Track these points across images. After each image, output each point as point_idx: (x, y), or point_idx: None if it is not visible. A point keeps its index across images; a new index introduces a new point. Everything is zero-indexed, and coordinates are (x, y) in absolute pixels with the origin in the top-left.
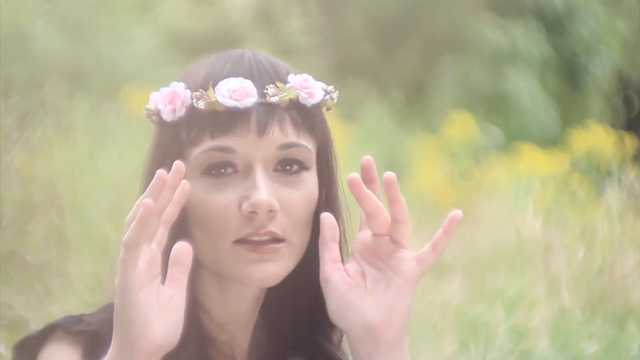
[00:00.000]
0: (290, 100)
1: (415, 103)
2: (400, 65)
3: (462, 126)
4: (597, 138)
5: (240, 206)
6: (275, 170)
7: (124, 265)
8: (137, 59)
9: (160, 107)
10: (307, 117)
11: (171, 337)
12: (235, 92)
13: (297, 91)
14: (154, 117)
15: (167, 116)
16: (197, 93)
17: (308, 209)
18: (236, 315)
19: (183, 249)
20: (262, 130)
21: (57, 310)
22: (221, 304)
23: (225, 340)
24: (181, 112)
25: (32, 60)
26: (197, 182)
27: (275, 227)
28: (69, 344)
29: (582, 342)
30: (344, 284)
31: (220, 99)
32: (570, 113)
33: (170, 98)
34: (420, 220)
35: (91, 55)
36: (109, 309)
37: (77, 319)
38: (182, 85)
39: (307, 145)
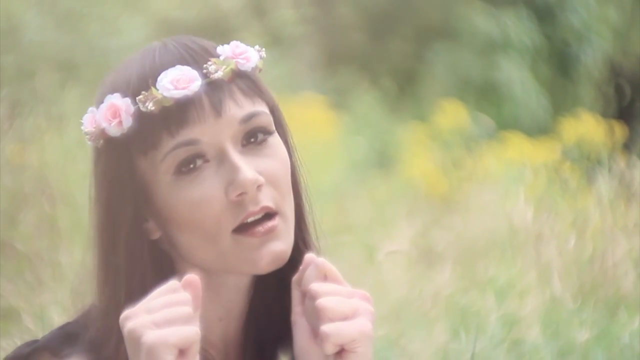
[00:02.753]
0: (232, 71)
1: (406, 91)
2: (391, 54)
3: (453, 115)
4: (588, 127)
5: (226, 194)
6: (243, 145)
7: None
8: (128, 49)
9: (104, 125)
10: (251, 82)
11: None
12: (179, 81)
13: (234, 60)
14: (100, 140)
15: (114, 132)
16: (141, 97)
17: (286, 172)
18: (229, 309)
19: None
20: (218, 110)
21: (49, 299)
22: (214, 300)
23: (219, 336)
24: (128, 122)
25: (23, 50)
26: (172, 185)
27: (267, 201)
28: None
29: (574, 331)
30: (308, 333)
31: (166, 94)
32: (562, 102)
33: (112, 112)
34: (412, 209)
35: (82, 45)
36: (91, 314)
37: (64, 337)
38: (117, 95)
39: (264, 110)
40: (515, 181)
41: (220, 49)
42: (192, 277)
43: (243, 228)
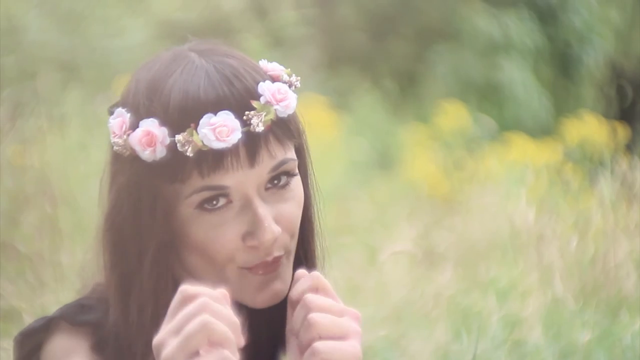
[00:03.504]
0: (271, 120)
1: (408, 93)
2: (392, 55)
3: (454, 116)
4: (590, 128)
5: (243, 239)
6: (266, 189)
7: None
8: (129, 50)
9: (137, 148)
10: (286, 127)
11: None
12: (221, 132)
13: (274, 107)
14: (127, 152)
15: (146, 157)
16: (180, 138)
17: (300, 213)
18: None
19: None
20: (252, 161)
21: (50, 300)
22: None
23: None
24: (162, 152)
25: (25, 51)
26: (192, 217)
27: (279, 250)
28: (75, 335)
29: (575, 332)
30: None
31: (206, 142)
32: (564, 103)
33: (147, 140)
34: (413, 210)
35: (84, 46)
36: (101, 290)
37: (78, 307)
38: (154, 122)
39: (292, 156)
40: (517, 182)
41: (261, 88)
42: (224, 292)
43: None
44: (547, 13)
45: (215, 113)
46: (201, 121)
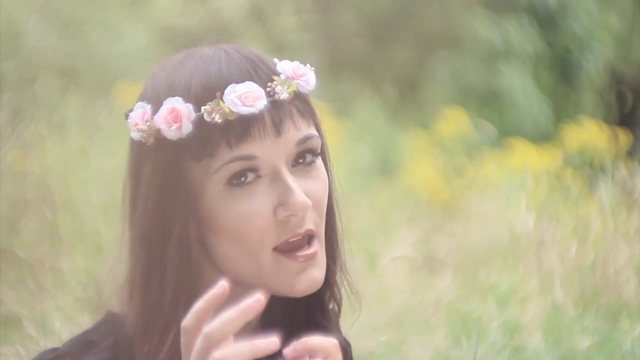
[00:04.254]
0: (294, 92)
1: (408, 99)
2: (393, 61)
3: (455, 122)
4: (590, 134)
5: (274, 212)
6: (292, 165)
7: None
8: (129, 55)
9: (162, 127)
10: (307, 104)
11: None
12: (247, 97)
13: (295, 82)
14: (151, 139)
15: (171, 135)
16: (207, 107)
17: (326, 195)
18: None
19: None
20: (278, 129)
21: (50, 306)
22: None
23: None
24: (188, 128)
25: (25, 56)
26: (222, 195)
27: (310, 224)
28: None
29: (575, 337)
30: None
31: (234, 109)
32: (563, 109)
33: (173, 116)
34: (413, 215)
35: (84, 52)
36: (110, 323)
37: (85, 345)
38: (179, 99)
39: (316, 133)
40: (517, 188)
41: (280, 67)
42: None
43: (284, 248)
44: (547, 19)
45: (238, 83)
46: (226, 90)
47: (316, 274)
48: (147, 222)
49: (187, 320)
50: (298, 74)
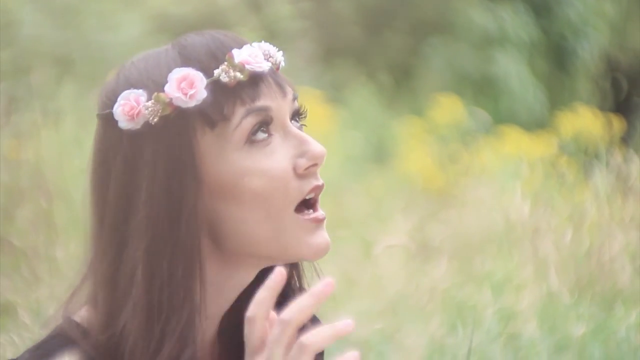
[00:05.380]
0: (280, 64)
1: (403, 86)
2: (387, 48)
3: (449, 109)
4: (585, 121)
5: (294, 166)
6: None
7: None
8: (124, 44)
9: (177, 95)
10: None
11: None
12: (256, 57)
13: (279, 53)
14: (156, 118)
15: (187, 103)
16: (220, 70)
17: None
18: (220, 308)
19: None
20: (282, 89)
21: (45, 295)
22: (214, 298)
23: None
24: (203, 94)
25: (20, 45)
26: (243, 155)
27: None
28: None
29: (570, 325)
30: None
31: (248, 66)
32: (559, 96)
33: (188, 83)
34: (408, 203)
35: (78, 40)
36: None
37: (41, 356)
38: (189, 68)
39: None
40: (512, 175)
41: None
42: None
43: (301, 209)
44: (542, 6)
45: (239, 48)
46: (234, 52)
47: (327, 238)
48: (154, 209)
49: (252, 310)
50: (277, 50)
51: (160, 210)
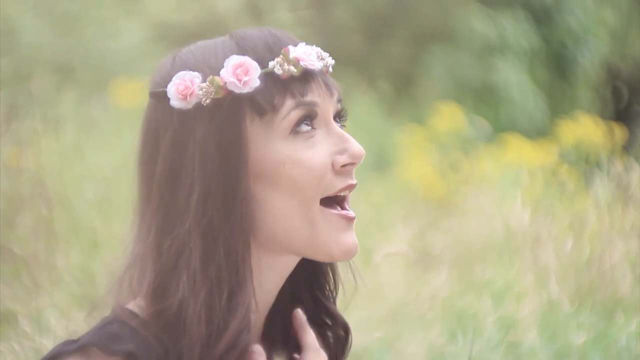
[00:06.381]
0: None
1: (404, 94)
2: (388, 57)
3: (450, 117)
4: (586, 129)
5: (333, 161)
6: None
7: None
8: (124, 51)
9: (232, 80)
10: None
11: None
12: (309, 55)
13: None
14: (208, 100)
15: (241, 89)
16: (275, 62)
17: None
18: (263, 304)
19: None
20: (330, 89)
21: (45, 302)
22: (257, 288)
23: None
24: (256, 82)
25: (20, 53)
26: (287, 144)
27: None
28: None
29: (571, 333)
30: None
31: (302, 62)
32: (559, 104)
33: (243, 70)
34: (409, 211)
35: (79, 48)
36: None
37: (109, 335)
38: (246, 57)
39: None
40: (512, 184)
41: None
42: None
43: (331, 201)
44: (542, 14)
45: (295, 46)
46: (290, 48)
47: (355, 239)
48: (208, 188)
49: None
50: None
51: (216, 189)
